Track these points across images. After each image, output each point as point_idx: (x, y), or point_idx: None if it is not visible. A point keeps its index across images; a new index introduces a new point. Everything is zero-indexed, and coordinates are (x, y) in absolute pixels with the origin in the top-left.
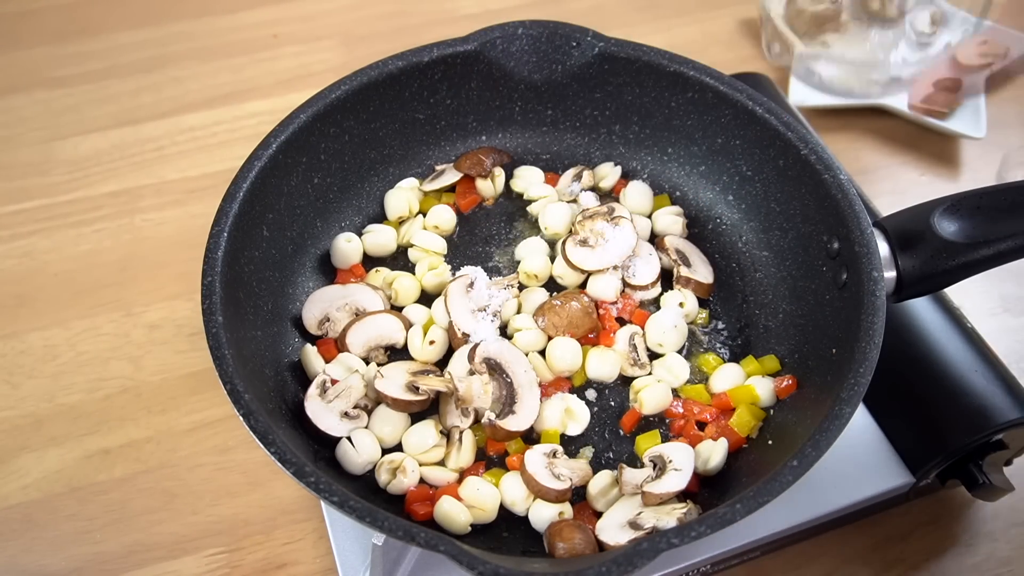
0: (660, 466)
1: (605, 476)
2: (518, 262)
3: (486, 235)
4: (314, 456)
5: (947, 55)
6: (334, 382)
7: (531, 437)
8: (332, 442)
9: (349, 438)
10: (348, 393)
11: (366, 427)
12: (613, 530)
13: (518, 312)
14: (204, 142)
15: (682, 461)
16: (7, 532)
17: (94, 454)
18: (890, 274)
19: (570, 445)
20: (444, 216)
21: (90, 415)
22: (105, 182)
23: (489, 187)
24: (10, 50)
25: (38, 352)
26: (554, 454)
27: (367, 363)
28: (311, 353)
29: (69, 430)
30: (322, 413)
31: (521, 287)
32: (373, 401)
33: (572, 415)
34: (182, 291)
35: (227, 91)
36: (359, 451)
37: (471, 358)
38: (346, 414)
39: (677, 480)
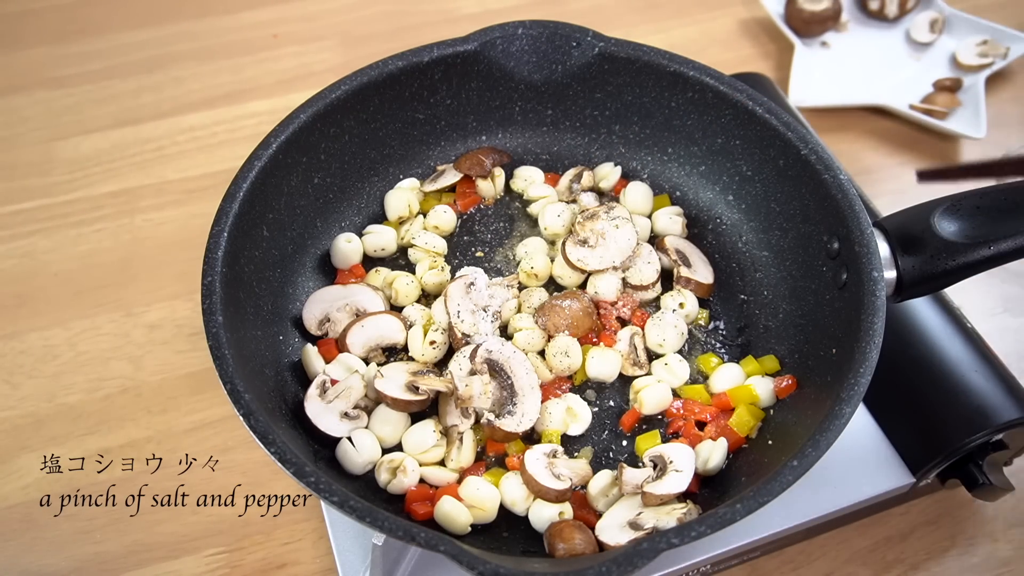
0: (661, 467)
1: (605, 476)
2: (518, 262)
3: (486, 235)
4: (314, 456)
5: (947, 56)
6: (334, 382)
7: (531, 437)
8: (332, 442)
9: (349, 438)
10: (348, 393)
11: (366, 427)
12: (613, 530)
13: (518, 312)
14: (204, 142)
15: (683, 462)
16: (7, 532)
17: (94, 454)
18: (890, 274)
19: (570, 445)
20: (444, 216)
21: (90, 415)
22: (105, 182)
23: (489, 187)
24: (10, 50)
25: (38, 352)
26: (554, 454)
27: (367, 363)
28: (311, 353)
29: (69, 430)
30: (322, 413)
31: (521, 287)
32: (373, 401)
33: (574, 415)
34: (182, 291)
35: (227, 91)
36: (359, 451)
37: (473, 358)
38: (346, 414)
39: (678, 481)
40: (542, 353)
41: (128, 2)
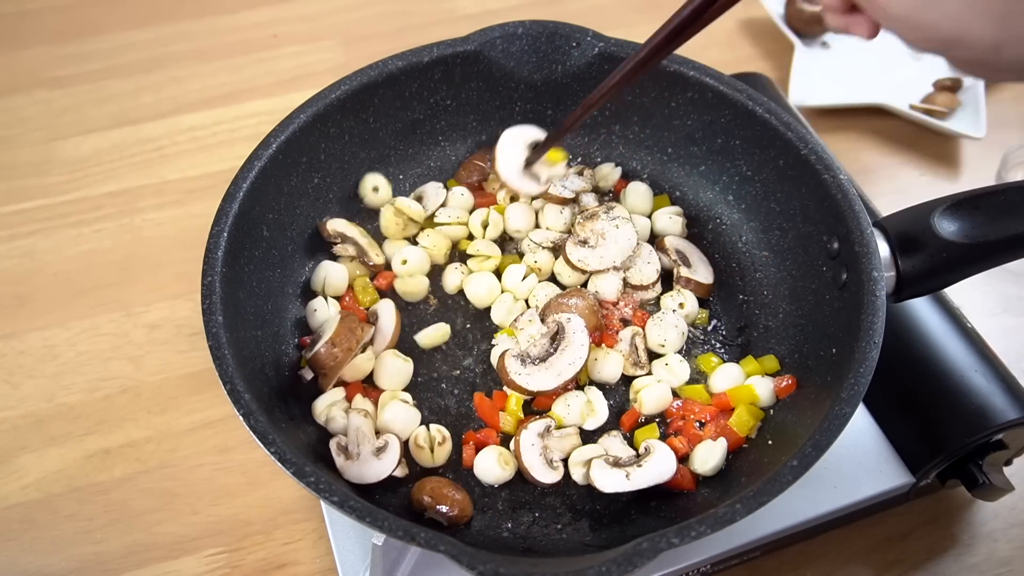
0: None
1: (587, 451)
2: (522, 254)
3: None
4: (314, 456)
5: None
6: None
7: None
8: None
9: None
10: (363, 436)
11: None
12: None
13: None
14: (204, 142)
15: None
16: (7, 532)
17: (94, 454)
18: (890, 274)
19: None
20: (462, 199)
21: (90, 415)
22: (105, 182)
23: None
24: (10, 50)
25: (38, 352)
26: (547, 430)
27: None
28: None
29: (69, 430)
30: (363, 470)
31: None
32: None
33: (592, 409)
34: (182, 291)
35: (227, 91)
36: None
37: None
38: (377, 450)
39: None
40: None
41: (127, 2)
